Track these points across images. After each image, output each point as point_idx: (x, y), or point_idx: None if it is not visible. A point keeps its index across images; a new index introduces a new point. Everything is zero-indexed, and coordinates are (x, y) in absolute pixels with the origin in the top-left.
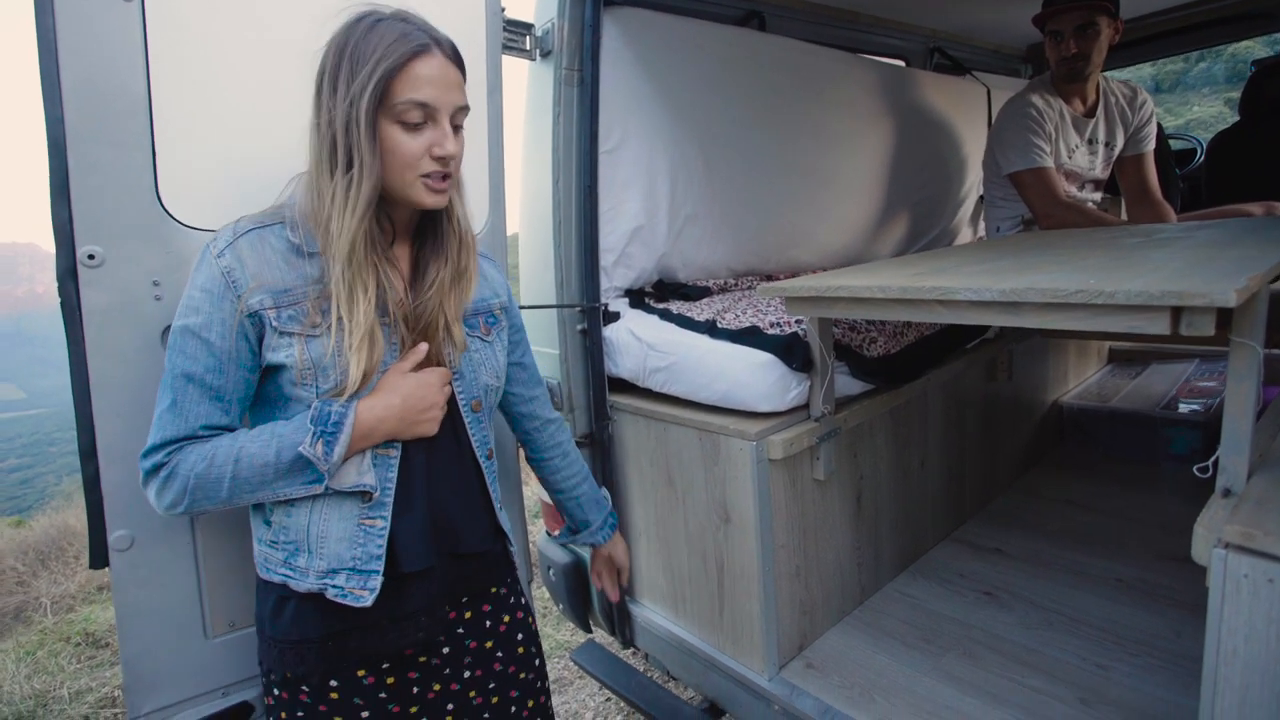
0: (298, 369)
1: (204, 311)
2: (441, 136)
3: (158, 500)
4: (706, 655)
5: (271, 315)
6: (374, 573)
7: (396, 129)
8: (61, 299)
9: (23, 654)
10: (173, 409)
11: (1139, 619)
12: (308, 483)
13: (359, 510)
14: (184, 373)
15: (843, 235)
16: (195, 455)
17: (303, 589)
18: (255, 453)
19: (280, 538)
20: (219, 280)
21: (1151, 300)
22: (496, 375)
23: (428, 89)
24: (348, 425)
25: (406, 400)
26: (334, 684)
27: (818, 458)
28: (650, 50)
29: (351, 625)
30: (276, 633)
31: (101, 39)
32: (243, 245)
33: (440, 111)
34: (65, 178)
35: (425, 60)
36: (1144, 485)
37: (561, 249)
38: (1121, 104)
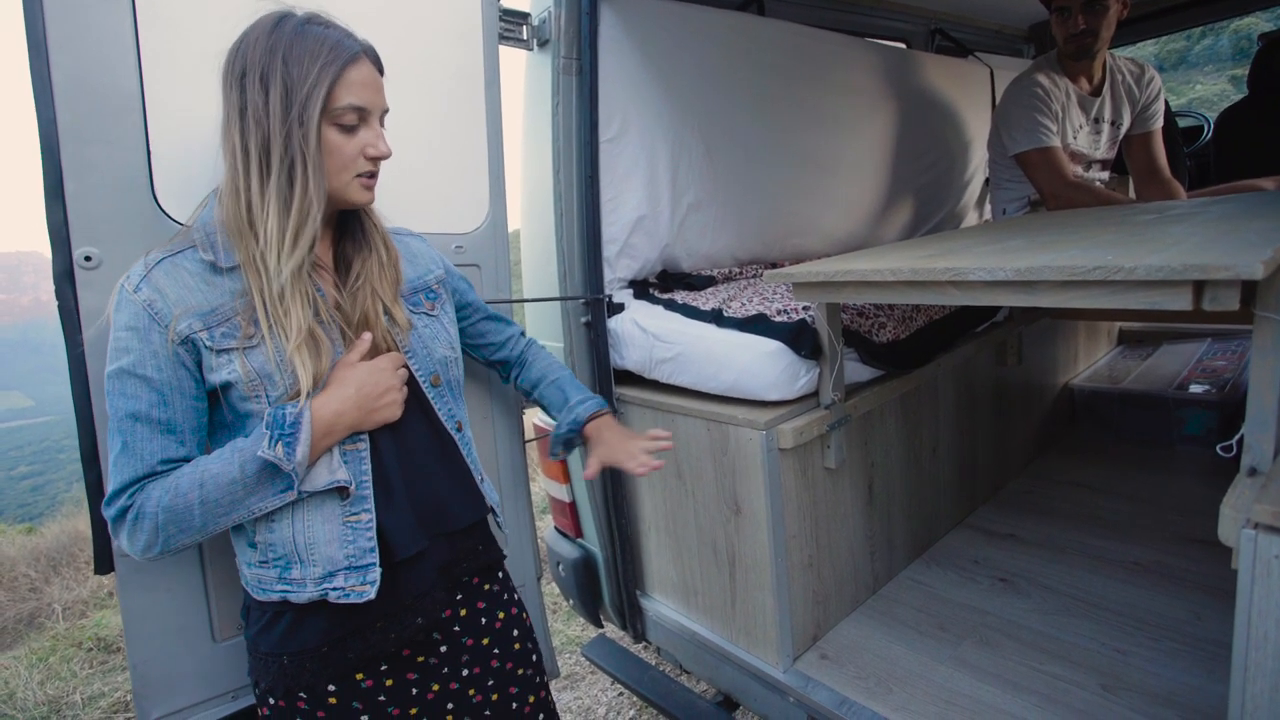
0: (244, 382)
1: (134, 350)
2: (375, 137)
3: (130, 544)
4: (719, 648)
5: (204, 337)
6: (371, 565)
7: (333, 132)
8: (59, 302)
9: (35, 660)
10: (125, 451)
11: (1158, 603)
12: (280, 492)
13: (341, 509)
14: (129, 413)
15: (848, 221)
16: (158, 490)
17: (303, 600)
18: (219, 472)
19: (269, 555)
20: (141, 315)
21: (1173, 275)
22: (450, 346)
23: (362, 93)
24: (305, 423)
25: (361, 389)
26: (332, 689)
27: (828, 446)
28: (649, 37)
29: (350, 628)
30: (272, 647)
31: (92, 36)
32: (157, 276)
33: (371, 114)
34: (59, 178)
35: (357, 66)
36: (1158, 467)
37: (564, 241)
38: (1129, 82)
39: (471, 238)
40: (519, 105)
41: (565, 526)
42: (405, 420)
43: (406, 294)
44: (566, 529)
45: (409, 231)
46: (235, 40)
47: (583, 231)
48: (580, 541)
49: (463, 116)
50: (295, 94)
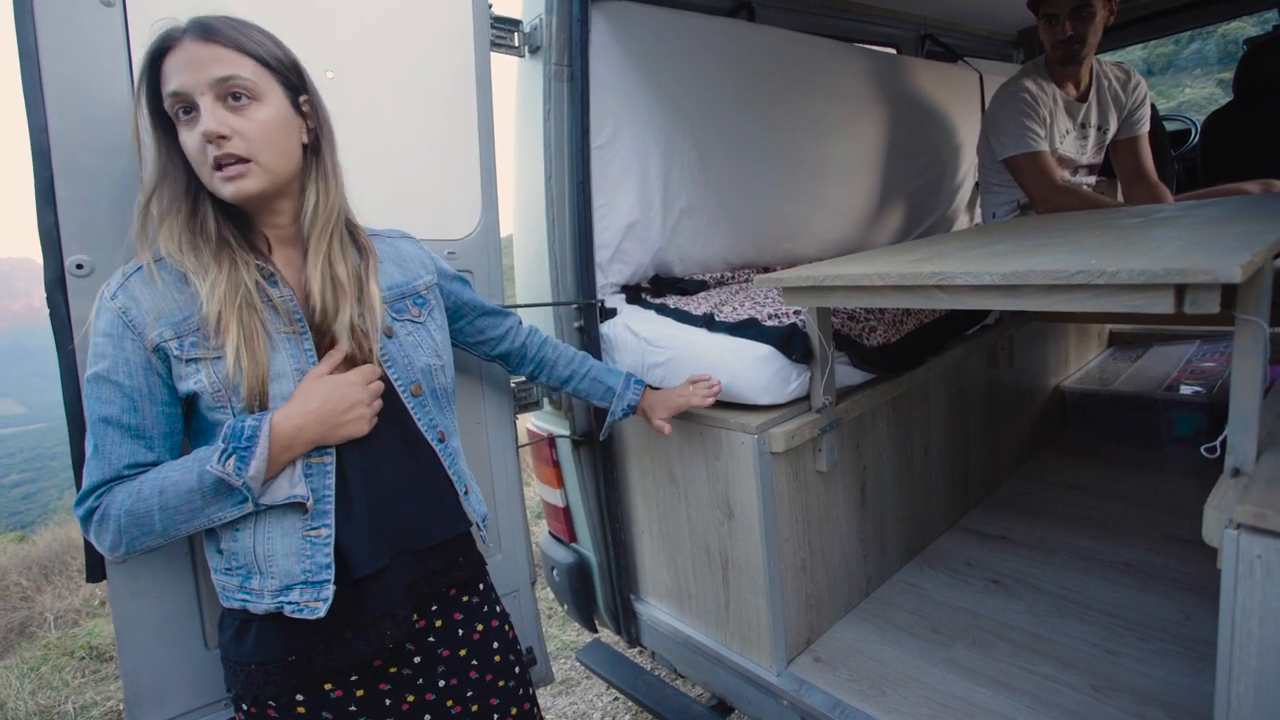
0: (209, 393)
1: (108, 356)
2: (202, 116)
3: (98, 543)
4: (713, 652)
5: (173, 346)
6: (325, 583)
7: (181, 129)
8: (50, 309)
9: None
10: (96, 454)
11: (1148, 603)
12: (237, 503)
13: (300, 523)
14: (101, 417)
15: (839, 225)
16: (123, 494)
17: (261, 610)
18: (178, 480)
19: (232, 564)
20: (117, 322)
21: (1154, 279)
22: (436, 354)
23: (175, 78)
24: (262, 438)
25: (325, 403)
26: (300, 698)
27: (820, 449)
28: (639, 44)
29: (315, 640)
30: (241, 656)
31: (83, 45)
32: (134, 284)
33: (195, 93)
34: (51, 185)
35: (173, 53)
36: (1149, 468)
37: (556, 246)
38: (1115, 87)
39: (464, 244)
40: (511, 112)
41: (559, 531)
42: (378, 434)
43: (390, 300)
44: (560, 534)
45: (401, 234)
46: None
47: (575, 237)
48: (574, 546)
49: (455, 123)
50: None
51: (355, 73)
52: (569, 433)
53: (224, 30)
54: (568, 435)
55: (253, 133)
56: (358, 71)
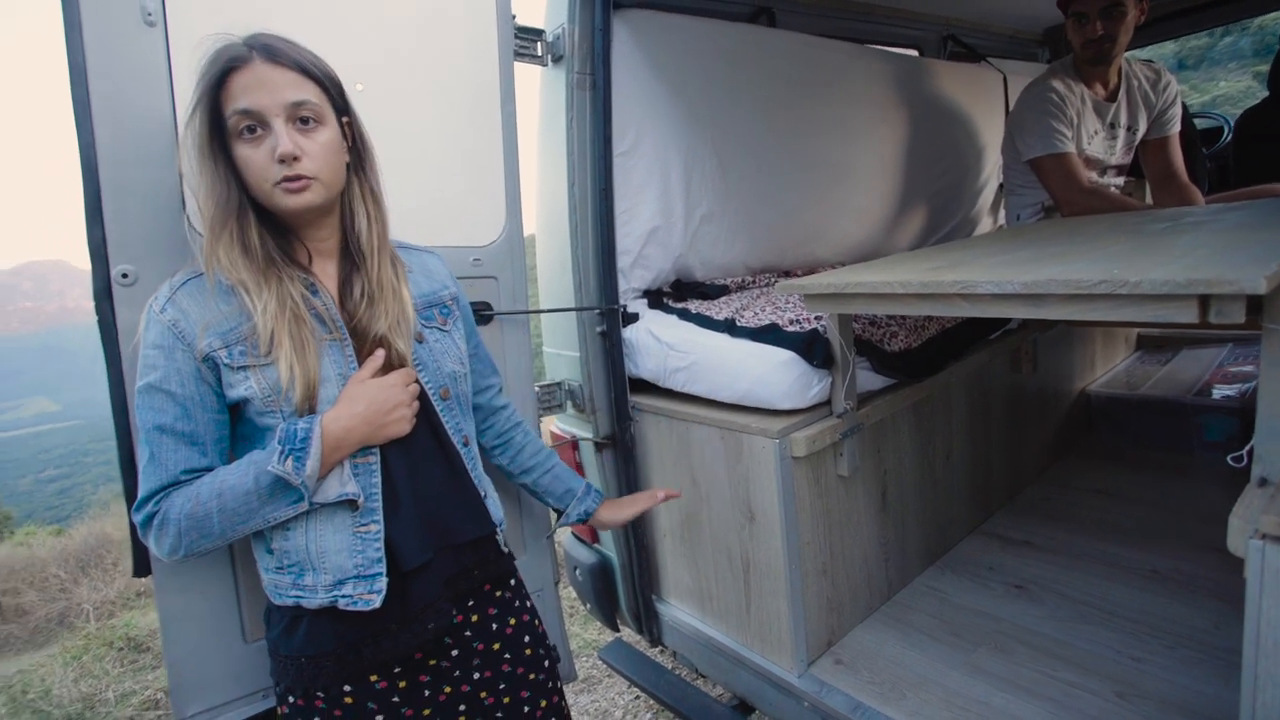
0: (259, 398)
1: (160, 367)
2: (279, 137)
3: (157, 548)
4: (734, 653)
5: (223, 355)
6: (378, 575)
7: (240, 144)
8: (99, 317)
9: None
10: (152, 461)
11: (1176, 611)
12: (292, 503)
13: (351, 520)
14: (155, 426)
15: (860, 229)
16: (181, 498)
17: (315, 605)
18: (235, 483)
19: (284, 561)
20: (167, 334)
21: (1178, 289)
22: (460, 361)
23: (246, 97)
24: (315, 439)
25: (370, 405)
26: (348, 689)
27: (841, 454)
28: (661, 51)
29: (363, 634)
30: (291, 650)
31: (127, 63)
32: (181, 297)
33: (268, 114)
34: (98, 198)
35: (241, 72)
36: (1178, 474)
37: (579, 252)
38: (1144, 87)
39: (489, 250)
40: (534, 120)
41: (582, 532)
42: (414, 434)
43: (420, 308)
44: (584, 534)
45: (428, 249)
46: None
47: (597, 243)
48: (597, 547)
49: (479, 132)
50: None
51: (382, 84)
52: (592, 435)
53: (288, 53)
54: (590, 438)
55: (317, 154)
56: (385, 82)
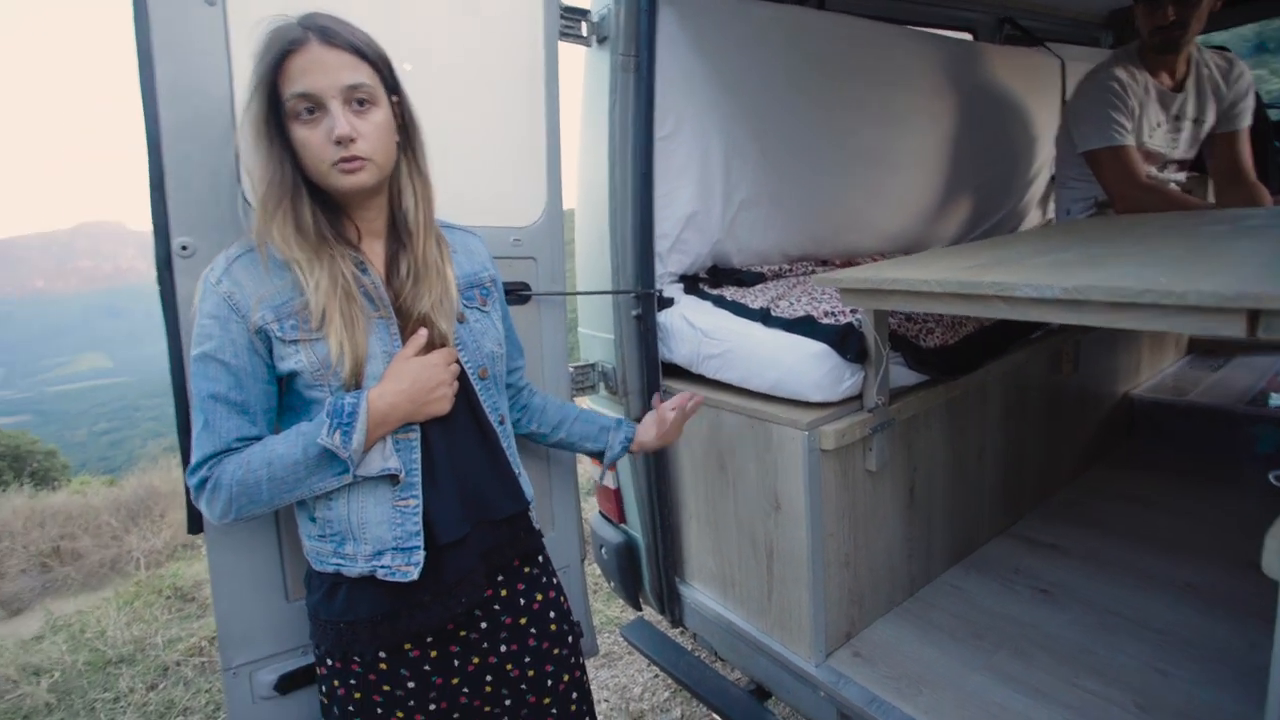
0: (308, 372)
1: (215, 337)
2: (336, 119)
3: (209, 511)
4: (754, 639)
5: (275, 328)
6: (416, 548)
7: (297, 125)
8: (160, 287)
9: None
10: (206, 428)
11: (1208, 627)
12: (337, 474)
13: (391, 493)
14: (209, 394)
15: (902, 218)
16: (233, 464)
17: (354, 574)
18: (284, 453)
19: (326, 530)
20: (223, 306)
21: (1225, 302)
22: (498, 342)
23: (304, 79)
24: (361, 413)
25: (414, 383)
26: (383, 656)
27: (870, 448)
28: (706, 34)
29: (399, 603)
30: (330, 615)
31: (189, 43)
32: (237, 270)
33: (325, 96)
34: (161, 174)
35: (299, 54)
36: (1223, 485)
37: (617, 235)
38: (1215, 77)
39: (529, 231)
40: (577, 100)
41: (610, 511)
42: (454, 413)
43: (462, 288)
44: (610, 514)
45: (469, 229)
46: None
47: (636, 227)
48: (623, 527)
49: (523, 112)
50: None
51: (429, 63)
52: (624, 417)
53: (344, 34)
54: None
55: (372, 135)
56: (431, 62)
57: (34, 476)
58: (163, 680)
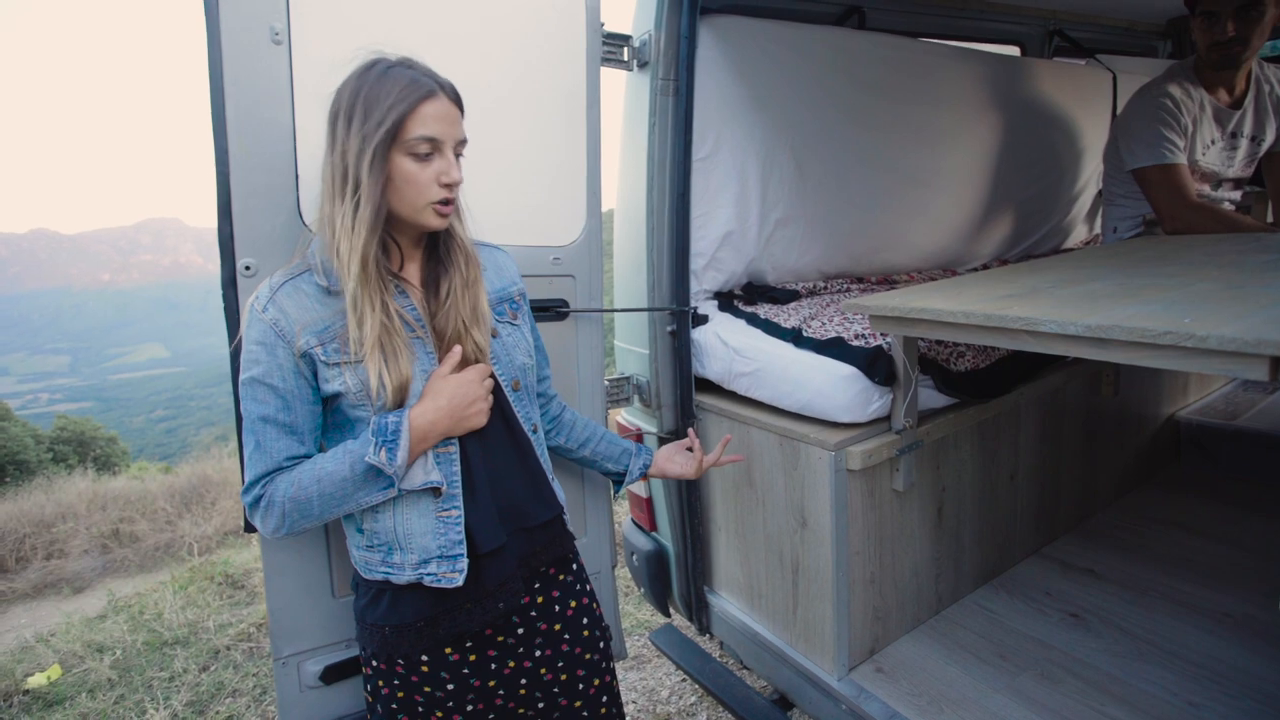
0: (351, 394)
1: (263, 362)
2: (448, 166)
3: (263, 526)
4: (778, 650)
5: (319, 352)
6: (460, 556)
7: (408, 161)
8: (225, 304)
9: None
10: (258, 449)
11: (1245, 660)
12: (383, 489)
13: (434, 505)
14: (259, 416)
15: (941, 236)
16: (285, 483)
17: (402, 581)
18: (333, 470)
19: (374, 541)
20: (269, 332)
21: (1246, 348)
22: (528, 354)
23: (435, 125)
24: (404, 432)
25: (452, 400)
26: (425, 659)
27: (898, 469)
28: (745, 56)
29: (440, 609)
30: (376, 620)
31: (257, 77)
32: (281, 297)
33: (445, 144)
34: (228, 199)
35: (432, 102)
36: (1269, 513)
37: (654, 254)
38: (1278, 93)
39: (568, 250)
40: (618, 122)
41: (641, 520)
42: (490, 426)
43: (493, 304)
44: (642, 522)
45: (497, 246)
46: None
47: (672, 246)
48: (654, 535)
49: (565, 134)
50: (367, 125)
51: (479, 89)
52: (656, 430)
53: (459, 95)
54: (655, 432)
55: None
56: (481, 88)
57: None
58: (214, 663)
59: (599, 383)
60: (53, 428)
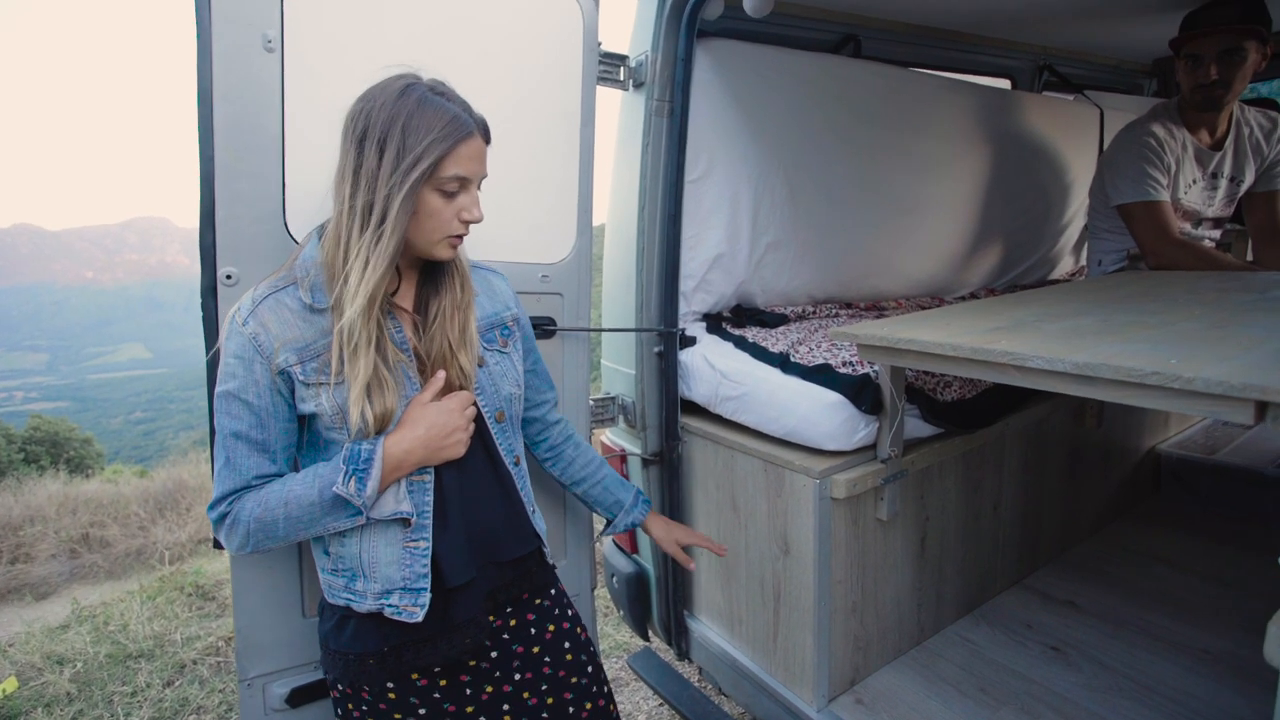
0: (328, 414)
1: (239, 376)
2: (471, 203)
3: (228, 543)
4: (758, 678)
5: (297, 370)
6: (423, 590)
7: (436, 196)
8: (203, 313)
9: (145, 598)
10: (227, 465)
11: (1221, 696)
12: (350, 515)
13: (402, 535)
14: (231, 432)
15: (930, 264)
16: (252, 502)
17: (363, 610)
18: (301, 494)
19: (339, 565)
20: (248, 346)
21: (1232, 391)
22: (517, 384)
23: (469, 165)
24: (377, 461)
25: (430, 430)
26: (390, 685)
27: (882, 498)
28: (740, 80)
29: (406, 639)
30: (339, 646)
31: (247, 85)
32: (263, 311)
33: (473, 182)
34: (212, 207)
35: (469, 142)
36: (1249, 548)
37: (643, 274)
38: (1257, 136)
39: (557, 268)
40: (611, 140)
41: (622, 541)
42: (469, 456)
43: (482, 330)
44: (623, 544)
45: (492, 268)
46: (360, 99)
47: (662, 267)
48: (635, 557)
49: (558, 152)
50: (405, 159)
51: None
52: (640, 451)
53: (488, 131)
54: (639, 454)
55: None
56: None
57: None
58: (179, 677)
59: (584, 402)
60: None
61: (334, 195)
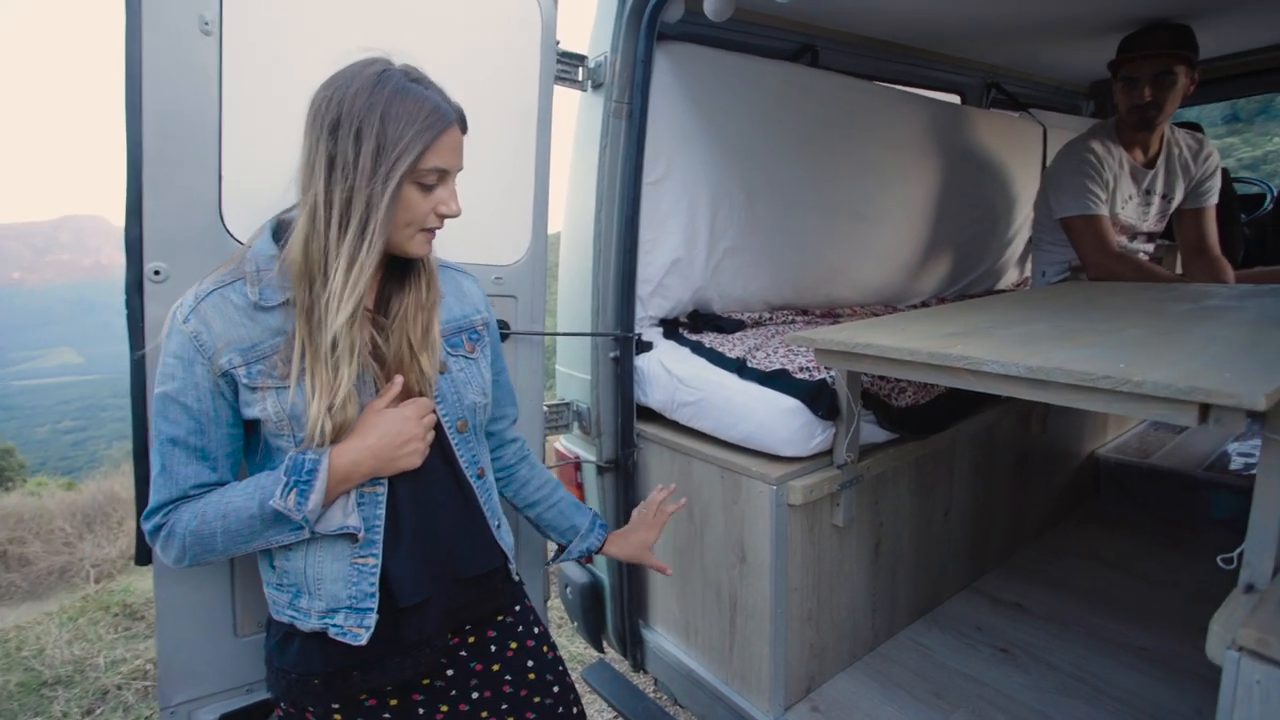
0: (273, 420)
1: (178, 378)
2: (449, 196)
3: (164, 556)
4: (714, 688)
5: (241, 373)
6: (369, 610)
7: (413, 189)
8: (128, 311)
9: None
10: (163, 473)
11: (1159, 693)
12: (293, 530)
13: (350, 550)
14: (169, 437)
15: (884, 272)
16: (188, 514)
17: (307, 629)
18: (241, 506)
19: (284, 580)
20: (188, 346)
21: (1178, 394)
22: (483, 392)
23: (449, 156)
24: (321, 473)
25: (382, 439)
26: (336, 707)
27: (838, 504)
28: (700, 85)
29: (354, 661)
30: (284, 665)
31: (182, 70)
32: (206, 308)
33: (451, 175)
34: (139, 197)
35: (450, 132)
36: (1180, 549)
37: (600, 278)
38: (1185, 156)
39: (511, 270)
40: (568, 141)
41: None
42: (427, 467)
43: (447, 334)
44: None
45: (463, 270)
46: (327, 84)
47: (619, 270)
48: (589, 568)
49: (513, 152)
50: (386, 153)
51: None
52: (595, 459)
53: (465, 120)
54: (594, 461)
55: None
56: None
57: None
58: (100, 704)
59: (538, 408)
60: None
61: (300, 188)
